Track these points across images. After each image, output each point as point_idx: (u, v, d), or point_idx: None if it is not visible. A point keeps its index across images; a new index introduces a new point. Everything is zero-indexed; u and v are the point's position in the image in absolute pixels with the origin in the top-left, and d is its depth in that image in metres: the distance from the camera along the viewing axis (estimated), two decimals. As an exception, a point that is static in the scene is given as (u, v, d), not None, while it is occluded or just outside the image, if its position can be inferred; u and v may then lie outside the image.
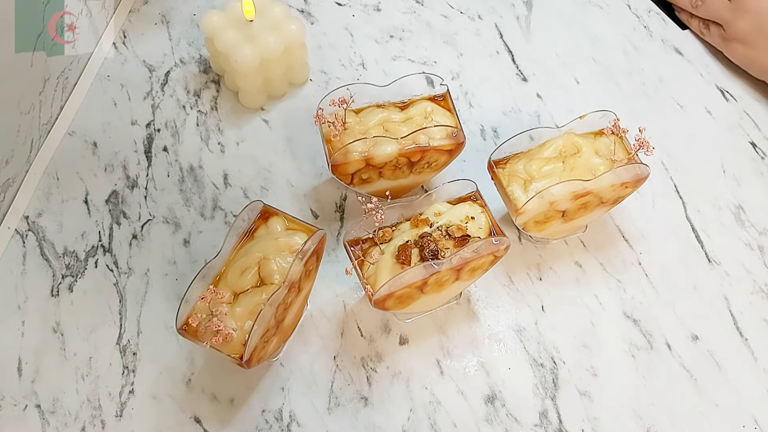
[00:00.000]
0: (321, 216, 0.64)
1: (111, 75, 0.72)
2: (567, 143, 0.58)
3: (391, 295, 0.50)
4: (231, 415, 0.55)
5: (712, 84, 0.75)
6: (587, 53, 0.76)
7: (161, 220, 0.63)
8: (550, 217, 0.58)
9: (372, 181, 0.59)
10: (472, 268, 0.53)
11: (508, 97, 0.72)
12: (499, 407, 0.56)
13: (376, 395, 0.56)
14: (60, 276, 0.60)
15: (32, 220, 0.63)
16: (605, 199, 0.58)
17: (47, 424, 0.54)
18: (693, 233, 0.65)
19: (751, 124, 0.72)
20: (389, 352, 0.58)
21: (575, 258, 0.63)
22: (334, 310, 0.60)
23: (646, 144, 0.55)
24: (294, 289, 0.51)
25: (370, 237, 0.53)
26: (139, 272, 0.60)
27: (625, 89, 0.74)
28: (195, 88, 0.71)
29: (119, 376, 0.56)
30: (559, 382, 0.57)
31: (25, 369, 0.56)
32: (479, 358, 0.58)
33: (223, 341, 0.46)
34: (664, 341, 0.59)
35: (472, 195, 0.55)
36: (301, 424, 0.55)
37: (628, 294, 0.62)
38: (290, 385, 0.56)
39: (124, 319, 0.58)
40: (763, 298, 0.62)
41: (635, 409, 0.56)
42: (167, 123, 0.69)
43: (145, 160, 0.66)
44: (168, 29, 0.75)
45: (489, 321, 0.60)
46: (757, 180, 0.68)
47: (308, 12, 0.78)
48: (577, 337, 0.59)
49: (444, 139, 0.57)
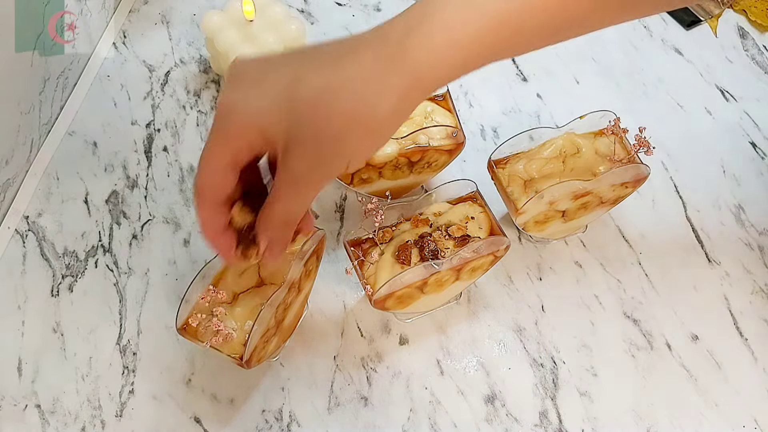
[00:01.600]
0: (321, 216, 0.64)
1: (111, 75, 0.72)
2: (567, 143, 0.58)
3: (391, 295, 0.50)
4: (231, 415, 0.55)
5: (712, 84, 0.75)
6: (587, 53, 0.76)
7: (161, 220, 0.63)
8: (550, 217, 0.58)
9: (372, 181, 0.59)
10: (472, 268, 0.53)
11: (508, 97, 0.72)
12: (499, 407, 0.56)
13: (376, 395, 0.56)
14: (60, 276, 0.60)
15: (32, 220, 0.63)
16: (605, 199, 0.58)
17: (47, 424, 0.54)
18: (693, 233, 0.65)
19: (751, 124, 0.72)
20: (389, 352, 0.58)
21: (575, 258, 0.63)
22: (334, 310, 0.60)
23: (646, 144, 0.55)
24: (294, 289, 0.51)
25: (370, 237, 0.53)
26: (139, 272, 0.60)
27: (625, 89, 0.74)
28: (195, 88, 0.71)
29: (119, 376, 0.56)
30: (559, 382, 0.57)
31: (25, 369, 0.56)
32: (479, 358, 0.58)
33: (223, 341, 0.46)
34: (664, 341, 0.59)
35: (472, 195, 0.55)
36: (301, 424, 0.55)
37: (628, 294, 0.62)
38: (290, 385, 0.56)
39: (124, 319, 0.58)
40: (763, 298, 0.62)
41: (635, 409, 0.56)
42: (167, 123, 0.69)
43: (145, 160, 0.66)
44: (168, 29, 0.75)
45: (489, 321, 0.60)
46: (757, 180, 0.68)
47: (308, 12, 0.78)
48: (577, 337, 0.59)
49: (444, 139, 0.57)
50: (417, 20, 0.35)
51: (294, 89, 0.35)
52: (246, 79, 0.37)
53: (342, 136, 0.35)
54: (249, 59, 0.38)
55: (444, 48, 0.35)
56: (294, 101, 0.35)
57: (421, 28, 0.35)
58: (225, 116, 0.36)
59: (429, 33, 0.35)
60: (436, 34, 0.35)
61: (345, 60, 0.35)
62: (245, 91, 0.36)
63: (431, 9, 0.35)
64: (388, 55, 0.35)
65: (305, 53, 0.37)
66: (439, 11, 0.35)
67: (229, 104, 0.36)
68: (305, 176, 0.37)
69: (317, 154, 0.36)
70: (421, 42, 0.35)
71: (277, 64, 0.37)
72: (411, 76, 0.35)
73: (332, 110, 0.34)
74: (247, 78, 0.37)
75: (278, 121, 0.35)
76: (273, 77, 0.36)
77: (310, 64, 0.36)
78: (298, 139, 0.35)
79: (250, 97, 0.36)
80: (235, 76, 0.37)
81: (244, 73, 0.37)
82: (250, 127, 0.36)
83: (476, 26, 0.35)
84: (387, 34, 0.36)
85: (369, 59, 0.35)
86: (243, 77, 0.37)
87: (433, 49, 0.35)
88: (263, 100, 0.35)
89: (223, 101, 0.36)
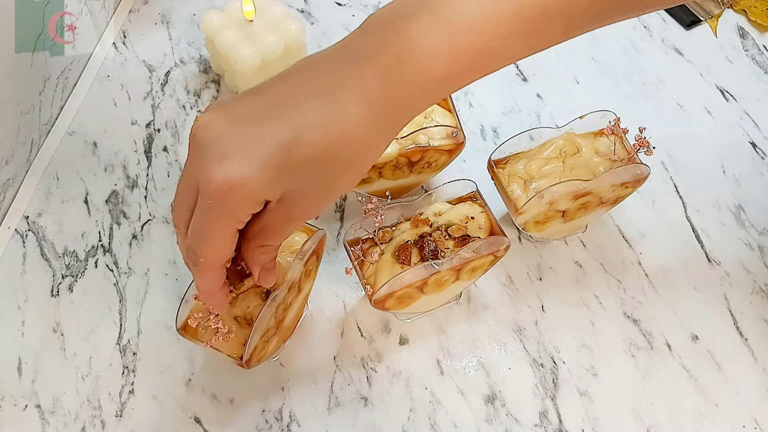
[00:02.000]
0: (321, 216, 0.64)
1: (111, 75, 0.72)
2: (567, 143, 0.58)
3: (391, 295, 0.50)
4: (231, 415, 0.55)
5: (712, 84, 0.75)
6: (587, 53, 0.76)
7: (161, 220, 0.63)
8: (550, 217, 0.58)
9: (372, 181, 0.59)
10: (472, 268, 0.53)
11: (508, 97, 0.72)
12: (499, 407, 0.56)
13: (376, 395, 0.56)
14: (60, 276, 0.60)
15: (32, 220, 0.63)
16: (605, 199, 0.58)
17: (47, 424, 0.54)
18: (693, 233, 0.65)
19: (751, 124, 0.72)
20: (389, 352, 0.58)
21: (575, 258, 0.63)
22: (334, 310, 0.60)
23: (646, 144, 0.55)
24: (294, 289, 0.51)
25: (370, 237, 0.53)
26: (139, 272, 0.60)
27: (625, 89, 0.74)
28: (195, 88, 0.71)
29: (119, 376, 0.56)
30: (559, 382, 0.57)
31: (25, 369, 0.56)
32: (479, 358, 0.58)
33: (223, 341, 0.46)
34: (664, 341, 0.59)
35: (472, 195, 0.55)
36: (301, 424, 0.55)
37: (628, 294, 0.62)
38: (290, 385, 0.56)
39: (124, 319, 0.58)
40: (763, 298, 0.62)
41: (635, 409, 0.56)
42: (167, 123, 0.69)
43: (145, 160, 0.66)
44: (168, 29, 0.75)
45: (489, 321, 0.60)
46: (757, 180, 0.68)
47: (308, 12, 0.78)
48: (577, 337, 0.59)
49: (444, 139, 0.57)
50: (394, 58, 0.35)
51: (291, 155, 0.34)
52: (234, 147, 0.34)
53: (342, 183, 0.37)
54: (217, 121, 0.35)
55: (426, 81, 0.36)
56: (294, 167, 0.35)
57: (402, 69, 0.35)
58: (227, 196, 0.34)
59: (408, 73, 0.35)
60: (413, 68, 0.35)
61: (334, 115, 0.35)
62: (239, 163, 0.34)
63: (402, 42, 0.35)
64: (379, 102, 0.35)
65: (287, 101, 0.35)
66: (415, 41, 0.35)
67: (225, 181, 0.34)
68: (299, 217, 0.38)
69: (315, 201, 0.37)
70: (402, 83, 0.35)
71: (260, 122, 0.35)
72: (404, 117, 0.37)
73: (334, 166, 0.36)
74: (234, 147, 0.34)
75: (278, 185, 0.35)
76: (266, 142, 0.34)
77: (299, 120, 0.35)
78: (298, 193, 0.36)
79: (245, 170, 0.34)
80: (215, 145, 0.35)
81: (225, 140, 0.35)
82: (254, 200, 0.36)
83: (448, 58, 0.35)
84: (365, 73, 0.35)
85: (362, 111, 0.35)
86: (228, 146, 0.35)
87: (419, 83, 0.35)
88: (262, 172, 0.34)
89: (217, 179, 0.34)
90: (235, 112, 0.36)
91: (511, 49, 0.37)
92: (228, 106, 0.36)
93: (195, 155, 0.36)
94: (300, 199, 0.36)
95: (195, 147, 0.36)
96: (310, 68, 0.37)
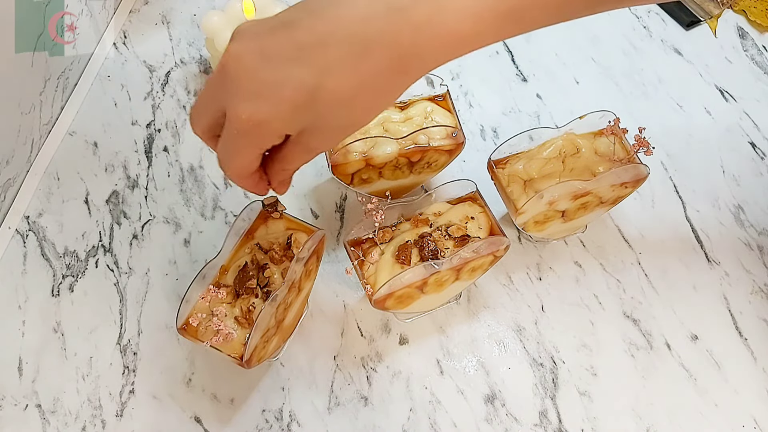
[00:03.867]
0: (321, 216, 0.64)
1: (111, 75, 0.72)
2: (567, 143, 0.58)
3: (391, 295, 0.50)
4: (231, 415, 0.55)
5: (711, 84, 0.75)
6: (587, 53, 0.76)
7: (162, 220, 0.63)
8: (549, 217, 0.58)
9: (372, 181, 0.59)
10: (472, 268, 0.53)
11: (508, 97, 0.72)
12: (498, 407, 0.56)
13: (376, 395, 0.56)
14: (60, 276, 0.60)
15: (33, 220, 0.63)
16: (605, 199, 0.58)
17: (47, 423, 0.54)
18: (693, 233, 0.65)
19: (750, 124, 0.72)
20: (389, 352, 0.58)
21: (575, 258, 0.63)
22: (334, 310, 0.60)
23: (645, 144, 0.55)
24: (294, 289, 0.51)
25: (370, 237, 0.53)
26: (139, 272, 0.60)
27: (625, 89, 0.74)
28: (195, 89, 0.71)
29: (119, 375, 0.56)
30: (559, 382, 0.57)
31: (25, 369, 0.56)
32: (479, 358, 0.58)
33: (223, 341, 0.46)
34: (664, 341, 0.59)
35: (472, 195, 0.55)
36: (301, 424, 0.55)
37: (627, 294, 0.62)
38: (290, 385, 0.56)
39: (125, 319, 0.58)
40: (762, 298, 0.62)
41: (635, 409, 0.56)
42: (168, 123, 0.69)
43: (146, 160, 0.66)
44: (168, 29, 0.75)
45: (489, 321, 0.60)
46: (757, 180, 0.68)
47: (308, 12, 0.78)
48: (577, 337, 0.59)
49: (444, 139, 0.57)
50: (425, 13, 0.37)
51: (315, 97, 0.37)
52: (262, 87, 0.36)
53: (359, 122, 0.40)
54: (249, 56, 0.37)
55: (447, 39, 0.38)
56: (316, 108, 0.37)
57: (431, 26, 0.37)
58: (253, 130, 0.37)
59: (436, 30, 0.37)
60: (441, 26, 0.37)
61: (360, 63, 0.36)
62: (266, 103, 0.36)
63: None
64: (400, 56, 0.37)
65: (317, 44, 0.37)
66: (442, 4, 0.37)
67: (251, 118, 0.37)
68: (318, 149, 0.41)
69: (333, 136, 0.40)
70: (430, 38, 0.37)
71: (289, 62, 0.37)
72: (425, 69, 0.39)
73: (354, 108, 0.38)
74: (262, 87, 0.36)
75: (299, 122, 0.38)
76: (293, 84, 0.36)
77: (327, 64, 0.36)
78: (316, 128, 0.39)
79: (272, 110, 0.37)
80: (245, 82, 0.37)
81: (255, 78, 0.37)
82: (276, 135, 0.39)
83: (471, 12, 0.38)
84: (396, 25, 0.37)
85: (387, 62, 0.37)
86: (257, 85, 0.37)
87: (442, 39, 0.38)
88: (286, 112, 0.37)
89: (244, 115, 0.37)
90: (267, 47, 0.37)
91: (533, 15, 0.39)
92: (260, 38, 0.37)
93: (223, 86, 0.38)
94: (318, 133, 0.39)
95: (224, 78, 0.37)
96: (343, 8, 0.37)
